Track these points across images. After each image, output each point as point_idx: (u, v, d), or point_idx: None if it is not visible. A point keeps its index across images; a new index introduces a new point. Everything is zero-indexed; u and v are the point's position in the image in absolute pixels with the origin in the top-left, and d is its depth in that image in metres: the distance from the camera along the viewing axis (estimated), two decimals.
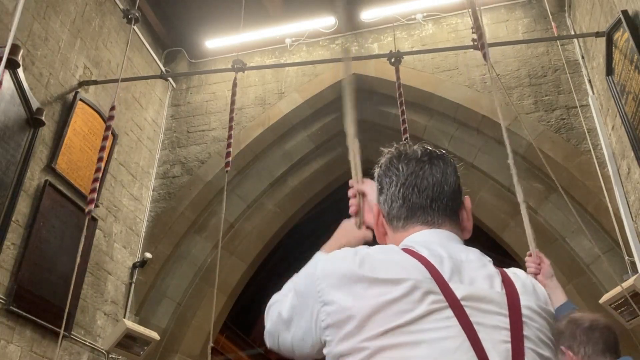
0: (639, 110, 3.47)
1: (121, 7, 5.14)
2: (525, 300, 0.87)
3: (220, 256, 5.18)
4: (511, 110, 4.70)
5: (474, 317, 0.81)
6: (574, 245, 4.43)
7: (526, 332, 0.84)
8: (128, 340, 4.35)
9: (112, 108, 3.96)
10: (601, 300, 3.81)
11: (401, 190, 1.01)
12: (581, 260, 4.39)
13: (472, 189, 5.06)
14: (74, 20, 4.55)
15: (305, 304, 0.91)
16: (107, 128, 4.00)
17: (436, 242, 0.95)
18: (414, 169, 1.02)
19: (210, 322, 5.08)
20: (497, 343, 0.80)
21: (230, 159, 4.20)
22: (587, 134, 4.52)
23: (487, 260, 0.93)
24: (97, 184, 3.76)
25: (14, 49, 3.69)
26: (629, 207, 4.02)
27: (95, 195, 3.66)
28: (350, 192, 1.31)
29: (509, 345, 0.81)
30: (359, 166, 1.38)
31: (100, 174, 3.86)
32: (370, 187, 1.29)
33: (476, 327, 0.80)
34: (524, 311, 0.86)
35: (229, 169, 4.19)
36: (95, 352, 4.41)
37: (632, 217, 3.98)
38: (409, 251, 0.90)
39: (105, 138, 3.94)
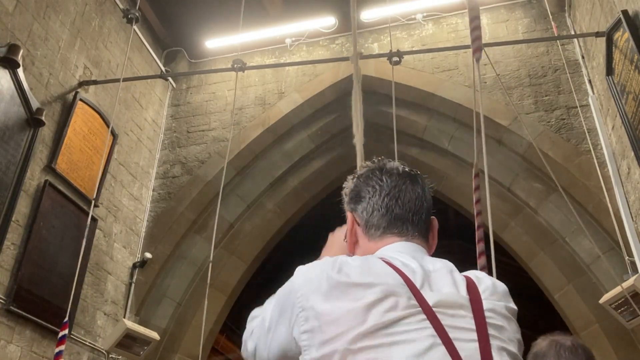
0: (639, 110, 3.47)
1: (121, 7, 5.14)
2: (488, 304, 0.94)
3: (220, 256, 5.20)
4: (511, 110, 4.70)
5: (444, 320, 0.87)
6: (574, 245, 4.43)
7: (491, 331, 0.90)
8: (128, 340, 4.35)
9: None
10: (601, 300, 3.81)
11: (385, 200, 1.07)
12: (581, 260, 4.39)
13: (472, 188, 5.05)
14: (74, 20, 4.55)
15: (284, 312, 0.95)
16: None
17: (407, 253, 1.01)
18: (397, 182, 1.09)
19: (210, 322, 5.09)
20: (467, 342, 0.86)
21: None
22: (587, 134, 4.51)
23: (452, 267, 1.00)
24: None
25: (14, 48, 3.70)
26: (629, 207, 4.02)
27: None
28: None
29: (477, 344, 0.87)
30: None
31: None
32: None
33: (447, 329, 0.86)
34: (486, 313, 0.92)
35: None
36: (95, 352, 4.41)
37: (632, 217, 3.97)
38: (384, 260, 0.95)
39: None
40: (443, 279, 0.95)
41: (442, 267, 0.98)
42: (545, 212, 4.63)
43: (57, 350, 3.17)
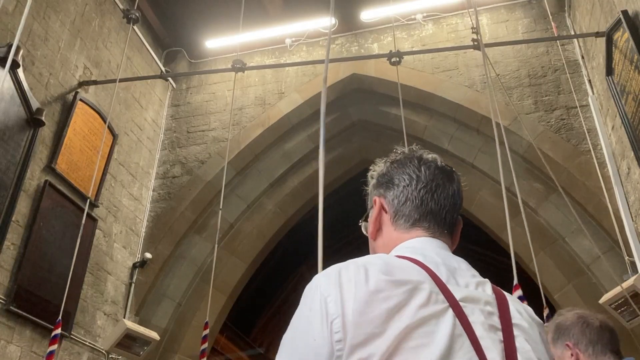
0: (639, 110, 3.47)
1: (121, 7, 5.14)
2: (513, 304, 0.92)
3: (220, 256, 5.19)
4: (511, 110, 4.70)
5: (471, 317, 0.84)
6: (574, 245, 4.43)
7: (516, 332, 0.87)
8: (128, 340, 4.35)
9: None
10: (601, 300, 3.81)
11: (422, 192, 1.02)
12: (581, 260, 4.39)
13: (472, 189, 5.06)
14: (74, 20, 4.54)
15: (312, 324, 0.84)
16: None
17: (430, 249, 0.97)
18: (434, 176, 1.04)
19: (210, 322, 5.08)
20: (493, 342, 0.83)
21: None
22: (587, 134, 4.52)
23: (475, 271, 0.97)
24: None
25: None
26: (629, 207, 4.02)
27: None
28: None
29: (503, 345, 0.84)
30: None
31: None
32: None
33: (474, 326, 0.83)
34: (512, 313, 0.90)
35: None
36: (95, 352, 4.41)
37: (632, 217, 3.98)
38: (403, 257, 0.91)
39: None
40: (468, 278, 0.92)
41: (467, 269, 0.95)
42: (545, 212, 4.63)
43: (49, 349, 3.16)
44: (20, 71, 3.74)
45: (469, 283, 0.91)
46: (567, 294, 4.44)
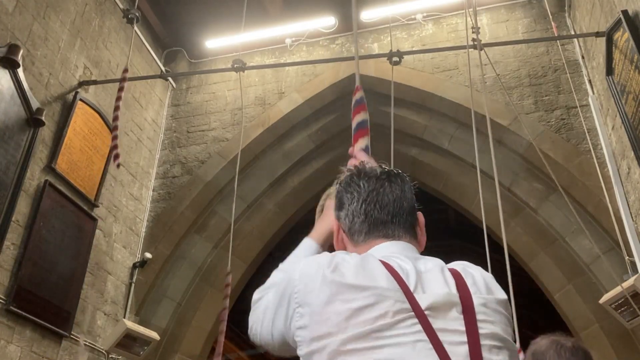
0: (639, 110, 3.47)
1: (121, 7, 5.14)
2: (478, 299, 0.93)
3: (220, 256, 5.20)
4: (511, 110, 4.70)
5: (435, 323, 0.87)
6: (574, 245, 4.43)
7: (482, 330, 0.89)
8: (128, 340, 4.36)
9: (115, 118, 3.93)
10: (601, 300, 3.82)
11: (363, 206, 1.08)
12: (581, 260, 4.39)
13: (473, 189, 5.06)
14: (74, 20, 4.54)
15: (282, 304, 0.98)
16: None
17: (399, 253, 1.01)
18: (374, 186, 1.09)
19: (210, 322, 5.09)
20: (456, 345, 0.86)
21: None
22: (587, 134, 4.52)
23: (443, 266, 1.00)
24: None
25: (14, 48, 3.70)
26: (629, 207, 4.02)
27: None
28: (352, 160, 1.45)
29: (467, 346, 0.87)
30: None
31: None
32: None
33: (438, 333, 0.86)
34: (477, 309, 0.92)
35: None
36: (95, 352, 4.41)
37: (632, 217, 3.98)
38: (382, 262, 0.95)
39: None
40: (435, 280, 0.95)
41: (434, 267, 0.98)
42: (545, 212, 4.63)
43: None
44: (20, 71, 3.74)
45: (435, 286, 0.93)
46: (567, 294, 4.44)
